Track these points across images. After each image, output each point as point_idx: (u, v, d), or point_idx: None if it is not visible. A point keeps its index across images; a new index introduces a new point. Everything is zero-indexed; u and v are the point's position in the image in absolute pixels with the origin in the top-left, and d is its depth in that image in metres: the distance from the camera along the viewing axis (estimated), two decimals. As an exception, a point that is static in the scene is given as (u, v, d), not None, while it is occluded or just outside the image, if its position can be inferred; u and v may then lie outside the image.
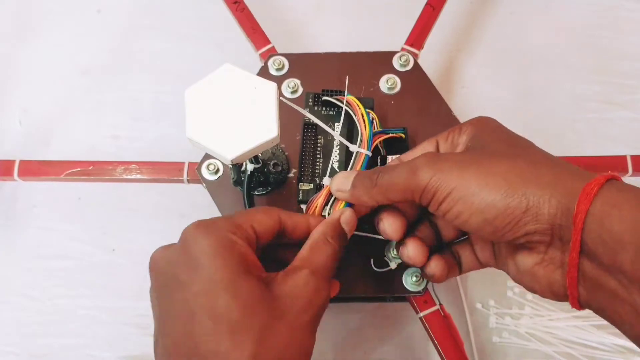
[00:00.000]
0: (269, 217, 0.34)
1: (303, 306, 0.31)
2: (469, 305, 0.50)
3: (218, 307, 0.28)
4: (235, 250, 0.30)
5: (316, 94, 0.44)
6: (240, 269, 0.29)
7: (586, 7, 0.61)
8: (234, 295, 0.29)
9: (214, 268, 0.29)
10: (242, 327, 0.28)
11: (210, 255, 0.29)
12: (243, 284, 0.29)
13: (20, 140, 0.58)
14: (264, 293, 0.30)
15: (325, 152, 0.43)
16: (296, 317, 0.30)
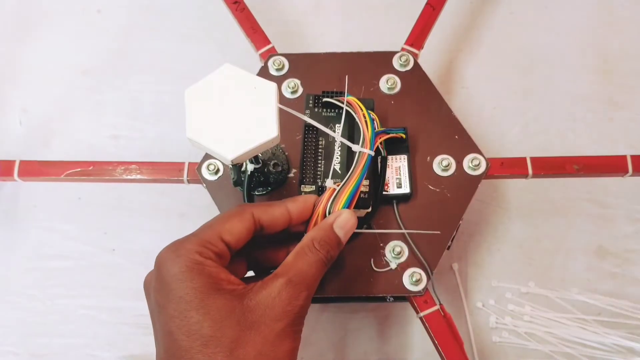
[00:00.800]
0: (240, 220, 0.34)
1: (275, 315, 0.31)
2: (469, 305, 0.50)
3: (191, 325, 0.30)
4: (204, 271, 0.32)
5: (316, 96, 0.44)
6: (208, 288, 0.31)
7: (586, 7, 0.61)
8: (204, 313, 0.30)
9: (183, 291, 0.31)
10: (213, 340, 0.30)
11: (179, 279, 0.31)
12: (212, 301, 0.31)
13: (20, 140, 0.58)
14: (234, 307, 0.31)
15: (327, 154, 0.43)
16: (268, 326, 0.31)
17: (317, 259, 0.34)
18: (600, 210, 0.53)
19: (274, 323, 0.31)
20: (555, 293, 0.50)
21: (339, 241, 0.36)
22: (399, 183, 0.43)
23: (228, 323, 0.30)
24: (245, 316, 0.31)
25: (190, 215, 0.54)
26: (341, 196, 0.38)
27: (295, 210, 0.36)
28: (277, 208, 0.36)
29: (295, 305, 0.32)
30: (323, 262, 0.34)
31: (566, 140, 0.56)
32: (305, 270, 0.33)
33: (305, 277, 0.33)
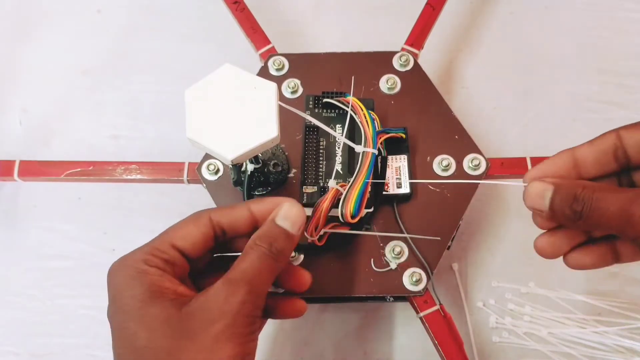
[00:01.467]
0: (196, 226, 0.33)
1: (211, 317, 0.29)
2: (469, 305, 0.50)
3: (128, 336, 0.30)
4: (145, 279, 0.31)
5: (316, 97, 0.44)
6: (148, 297, 0.30)
7: (586, 7, 0.61)
8: (140, 322, 0.30)
9: (123, 301, 0.31)
10: (148, 352, 0.29)
11: (120, 288, 0.31)
12: (149, 310, 0.30)
13: (20, 140, 0.58)
14: (170, 315, 0.30)
15: (328, 154, 0.43)
16: (204, 330, 0.29)
17: (259, 253, 0.32)
18: (600, 210, 0.53)
19: (210, 326, 0.29)
20: (555, 293, 0.50)
21: (285, 233, 0.33)
22: (399, 183, 0.43)
23: (162, 333, 0.29)
24: (182, 324, 0.29)
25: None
26: (351, 196, 0.38)
27: (260, 210, 0.34)
28: (238, 210, 0.34)
29: (232, 303, 0.30)
30: (266, 255, 0.32)
31: (566, 140, 0.56)
32: (244, 267, 0.31)
33: (245, 274, 0.31)
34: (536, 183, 0.30)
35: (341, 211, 0.37)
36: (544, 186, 0.30)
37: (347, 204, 0.37)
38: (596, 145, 0.30)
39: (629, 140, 0.28)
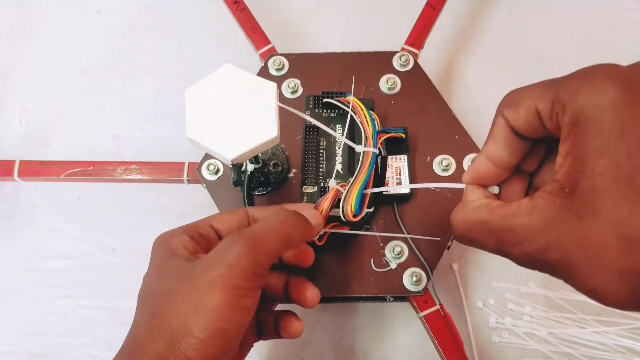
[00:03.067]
0: (234, 214, 0.36)
1: (209, 266, 0.30)
2: (469, 305, 0.50)
3: (147, 284, 0.34)
4: (170, 243, 0.34)
5: (316, 97, 0.44)
6: (166, 254, 0.33)
7: (586, 7, 0.61)
8: (156, 271, 0.33)
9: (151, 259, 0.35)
10: (151, 291, 0.33)
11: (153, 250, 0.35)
12: (165, 262, 0.33)
13: (20, 140, 0.58)
14: (181, 266, 0.32)
15: (328, 154, 0.43)
16: (200, 275, 0.30)
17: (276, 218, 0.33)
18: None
19: (206, 272, 0.30)
20: (555, 293, 0.50)
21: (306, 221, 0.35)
22: (399, 183, 0.43)
23: (170, 278, 0.32)
24: (186, 271, 0.31)
25: (190, 215, 0.54)
26: (352, 195, 0.38)
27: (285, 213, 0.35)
28: (272, 209, 0.36)
29: (230, 254, 0.30)
30: (282, 221, 0.33)
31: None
32: (254, 227, 0.32)
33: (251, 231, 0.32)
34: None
35: (343, 210, 0.37)
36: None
37: (348, 203, 0.37)
38: (496, 137, 0.29)
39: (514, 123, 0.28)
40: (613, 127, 0.23)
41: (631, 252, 0.22)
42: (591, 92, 0.24)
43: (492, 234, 0.27)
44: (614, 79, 0.24)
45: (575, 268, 0.24)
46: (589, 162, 0.23)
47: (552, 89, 0.26)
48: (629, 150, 0.23)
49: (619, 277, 0.23)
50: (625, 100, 0.23)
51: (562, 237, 0.24)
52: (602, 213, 0.23)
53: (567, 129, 0.25)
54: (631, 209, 0.22)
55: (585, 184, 0.24)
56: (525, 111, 0.27)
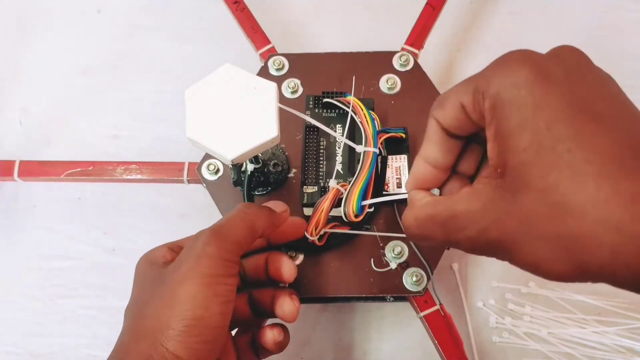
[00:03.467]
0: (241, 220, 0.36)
1: (178, 264, 0.32)
2: (469, 305, 0.50)
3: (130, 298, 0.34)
4: (150, 255, 0.35)
5: (316, 97, 0.44)
6: (145, 266, 0.35)
7: (586, 7, 0.61)
8: (136, 284, 0.35)
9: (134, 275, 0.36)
10: (134, 302, 0.33)
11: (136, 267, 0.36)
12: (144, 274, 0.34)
13: (20, 140, 0.58)
14: (155, 271, 0.33)
15: (328, 154, 0.43)
16: (171, 274, 0.31)
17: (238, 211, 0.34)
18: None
19: (176, 271, 0.31)
20: (555, 293, 0.50)
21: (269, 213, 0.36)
22: (399, 183, 0.43)
23: (148, 285, 0.33)
24: (161, 275, 0.32)
25: (190, 215, 0.54)
26: (353, 195, 0.38)
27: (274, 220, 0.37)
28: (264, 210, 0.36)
29: (196, 247, 0.31)
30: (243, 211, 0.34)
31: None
32: (221, 221, 0.33)
33: (216, 224, 0.33)
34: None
35: (344, 210, 0.37)
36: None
37: (350, 203, 0.37)
38: (431, 140, 0.30)
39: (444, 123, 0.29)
40: (529, 102, 0.24)
41: (564, 218, 0.23)
42: (505, 74, 0.25)
43: (439, 225, 0.28)
44: (525, 60, 0.26)
45: (515, 244, 0.25)
46: (512, 139, 0.24)
47: (472, 82, 0.27)
48: (547, 122, 0.24)
49: (557, 246, 0.23)
50: (536, 77, 0.25)
51: (500, 215, 0.25)
52: (531, 185, 0.24)
53: (489, 113, 0.26)
54: (557, 176, 0.23)
55: (513, 161, 0.24)
56: (451, 107, 0.28)
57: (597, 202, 0.22)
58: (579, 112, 0.24)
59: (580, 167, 0.23)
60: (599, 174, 0.22)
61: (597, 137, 0.23)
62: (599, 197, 0.22)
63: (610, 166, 0.22)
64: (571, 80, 0.25)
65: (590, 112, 0.24)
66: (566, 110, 0.24)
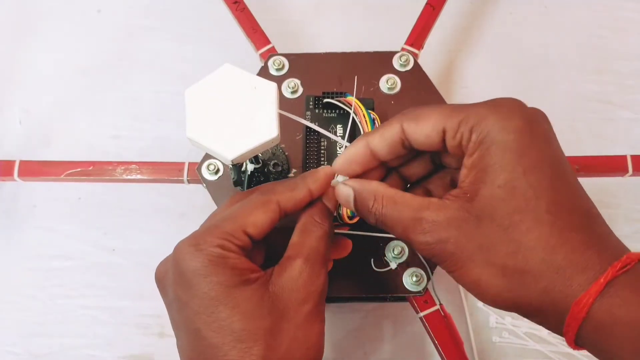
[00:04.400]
0: (265, 212, 0.33)
1: (301, 298, 0.31)
2: (469, 305, 0.50)
3: (220, 321, 0.29)
4: (227, 264, 0.30)
5: (316, 97, 0.44)
6: (234, 281, 0.30)
7: (586, 7, 0.61)
8: (233, 306, 0.30)
9: (208, 287, 0.30)
10: (247, 334, 0.29)
11: (202, 274, 0.30)
12: (239, 294, 0.30)
13: (20, 140, 0.58)
14: (262, 296, 0.30)
15: (329, 155, 0.43)
16: (297, 310, 0.31)
17: (323, 232, 0.33)
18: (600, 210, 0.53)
19: (301, 306, 0.31)
20: (555, 293, 0.50)
21: (331, 212, 0.35)
22: (399, 183, 0.43)
23: (259, 314, 0.30)
24: (274, 304, 0.30)
25: (190, 215, 0.54)
26: None
27: (317, 189, 0.35)
28: (299, 192, 0.34)
29: (317, 284, 0.32)
30: (327, 234, 0.34)
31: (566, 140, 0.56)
32: (315, 246, 0.33)
33: (319, 253, 0.33)
34: (341, 187, 0.34)
35: (339, 212, 0.37)
36: (347, 190, 0.33)
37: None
38: (385, 137, 0.32)
39: (412, 135, 0.31)
40: (514, 148, 0.28)
41: (516, 253, 0.27)
42: (499, 117, 0.29)
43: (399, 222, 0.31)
44: (519, 110, 0.30)
45: (466, 262, 0.29)
46: (491, 175, 0.28)
47: (461, 112, 0.30)
48: (525, 169, 0.28)
49: (502, 273, 0.28)
50: (526, 128, 0.29)
51: (460, 234, 0.29)
52: (496, 219, 0.28)
53: (475, 146, 0.29)
54: (521, 217, 0.27)
55: (486, 193, 0.28)
56: (430, 127, 0.30)
57: (547, 246, 0.27)
58: (551, 167, 0.28)
59: (541, 214, 0.27)
60: (553, 224, 0.27)
61: (559, 192, 0.28)
62: (549, 243, 0.27)
63: (564, 219, 0.27)
64: (548, 139, 0.30)
65: (559, 170, 0.28)
66: (542, 163, 0.28)
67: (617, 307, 0.26)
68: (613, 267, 0.26)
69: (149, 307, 0.52)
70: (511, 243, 0.27)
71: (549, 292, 0.27)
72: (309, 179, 0.35)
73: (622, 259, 0.26)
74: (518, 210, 0.27)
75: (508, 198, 0.27)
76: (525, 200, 0.27)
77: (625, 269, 0.26)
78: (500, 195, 0.28)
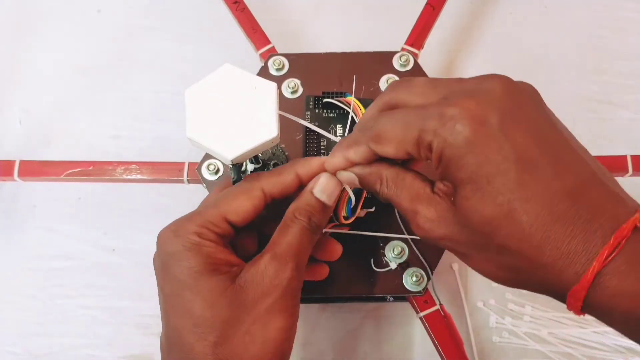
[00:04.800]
0: (249, 198, 0.33)
1: (263, 291, 0.31)
2: (469, 305, 0.50)
3: (184, 304, 0.31)
4: (201, 251, 0.32)
5: (316, 97, 0.44)
6: (204, 269, 0.31)
7: (586, 7, 0.61)
8: (196, 292, 0.31)
9: (178, 270, 0.31)
10: (204, 321, 0.31)
11: (176, 259, 0.32)
12: (204, 282, 0.31)
13: (20, 140, 0.58)
14: (226, 287, 0.31)
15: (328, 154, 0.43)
16: (257, 303, 0.31)
17: (300, 227, 0.33)
18: (600, 210, 0.53)
19: (262, 299, 0.31)
20: (555, 293, 0.50)
21: (322, 205, 0.35)
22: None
23: (220, 303, 0.31)
24: (237, 296, 0.31)
25: (190, 215, 0.54)
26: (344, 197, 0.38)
27: (306, 174, 0.35)
28: (286, 176, 0.35)
29: (282, 278, 0.32)
30: (307, 229, 0.33)
31: (566, 140, 0.56)
32: (289, 241, 0.33)
33: (290, 248, 0.33)
34: (343, 173, 0.34)
35: (335, 212, 0.37)
36: (349, 175, 0.33)
37: (340, 205, 0.37)
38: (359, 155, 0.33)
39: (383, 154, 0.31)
40: (472, 161, 0.27)
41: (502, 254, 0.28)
42: (448, 131, 0.28)
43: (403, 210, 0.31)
44: (466, 118, 0.28)
45: (463, 255, 0.30)
46: (458, 189, 0.28)
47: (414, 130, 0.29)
48: (488, 177, 0.27)
49: (498, 268, 0.29)
50: (476, 136, 0.27)
51: (453, 232, 0.29)
52: (476, 228, 0.28)
53: (435, 163, 0.29)
54: (499, 223, 0.27)
55: (461, 204, 0.28)
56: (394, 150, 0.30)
57: (532, 246, 0.26)
58: (514, 163, 0.26)
59: (517, 216, 0.26)
60: (533, 223, 0.26)
61: (531, 186, 0.26)
62: (532, 243, 0.26)
63: (543, 214, 0.26)
64: (506, 129, 0.27)
65: (524, 162, 0.27)
66: (503, 164, 0.26)
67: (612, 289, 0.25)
68: (600, 257, 0.25)
69: (149, 307, 0.52)
70: (497, 250, 0.28)
71: (545, 283, 0.27)
72: (298, 164, 0.35)
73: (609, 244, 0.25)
74: (493, 218, 0.27)
75: (480, 207, 0.27)
76: (497, 207, 0.27)
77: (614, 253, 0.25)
78: (473, 206, 0.27)
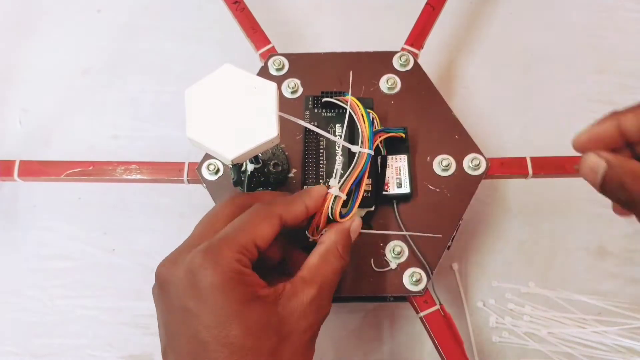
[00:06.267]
0: (270, 226, 0.33)
1: (307, 325, 0.32)
2: (469, 305, 0.50)
3: (230, 337, 0.30)
4: (243, 280, 0.31)
5: (315, 97, 0.44)
6: (247, 298, 0.30)
7: (586, 7, 0.61)
8: (242, 323, 0.30)
9: (221, 301, 0.30)
10: (253, 352, 0.30)
11: (218, 288, 0.30)
12: (251, 312, 0.30)
13: (20, 140, 0.58)
14: (270, 316, 0.31)
15: (328, 154, 0.43)
16: (300, 336, 0.32)
17: (341, 266, 0.35)
18: (600, 210, 0.53)
19: (305, 333, 0.32)
20: (555, 293, 0.50)
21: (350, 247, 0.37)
22: (399, 183, 0.43)
23: (266, 334, 0.30)
24: (281, 325, 0.31)
25: (190, 215, 0.54)
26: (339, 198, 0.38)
27: (312, 205, 0.36)
28: (297, 206, 0.35)
29: (322, 315, 0.33)
30: (344, 269, 0.35)
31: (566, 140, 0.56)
32: (330, 277, 0.34)
33: (332, 285, 0.34)
34: (592, 155, 0.30)
35: (331, 210, 0.37)
36: (598, 161, 0.30)
37: (337, 204, 0.37)
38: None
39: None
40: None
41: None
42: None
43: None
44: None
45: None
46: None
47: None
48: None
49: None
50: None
51: None
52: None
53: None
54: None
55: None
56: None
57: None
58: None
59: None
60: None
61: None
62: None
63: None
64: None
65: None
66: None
67: None
68: None
69: (149, 307, 0.51)
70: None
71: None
72: (305, 195, 0.36)
73: None
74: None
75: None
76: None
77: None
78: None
